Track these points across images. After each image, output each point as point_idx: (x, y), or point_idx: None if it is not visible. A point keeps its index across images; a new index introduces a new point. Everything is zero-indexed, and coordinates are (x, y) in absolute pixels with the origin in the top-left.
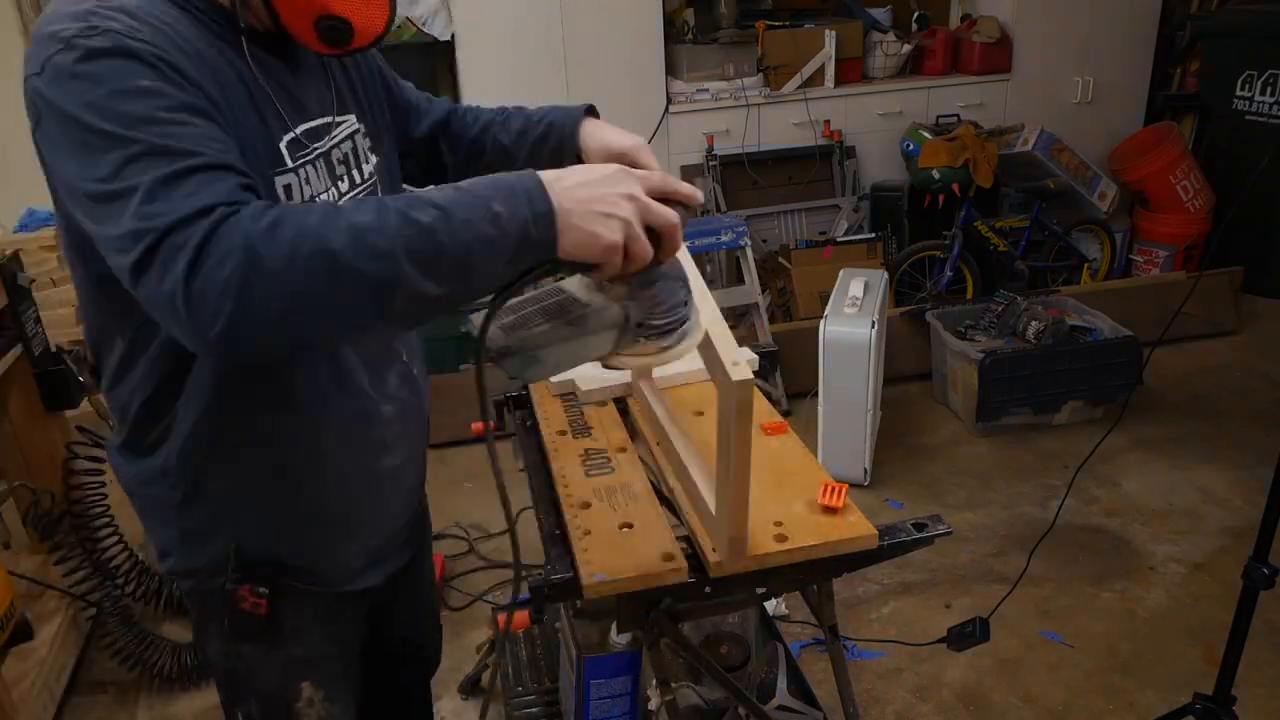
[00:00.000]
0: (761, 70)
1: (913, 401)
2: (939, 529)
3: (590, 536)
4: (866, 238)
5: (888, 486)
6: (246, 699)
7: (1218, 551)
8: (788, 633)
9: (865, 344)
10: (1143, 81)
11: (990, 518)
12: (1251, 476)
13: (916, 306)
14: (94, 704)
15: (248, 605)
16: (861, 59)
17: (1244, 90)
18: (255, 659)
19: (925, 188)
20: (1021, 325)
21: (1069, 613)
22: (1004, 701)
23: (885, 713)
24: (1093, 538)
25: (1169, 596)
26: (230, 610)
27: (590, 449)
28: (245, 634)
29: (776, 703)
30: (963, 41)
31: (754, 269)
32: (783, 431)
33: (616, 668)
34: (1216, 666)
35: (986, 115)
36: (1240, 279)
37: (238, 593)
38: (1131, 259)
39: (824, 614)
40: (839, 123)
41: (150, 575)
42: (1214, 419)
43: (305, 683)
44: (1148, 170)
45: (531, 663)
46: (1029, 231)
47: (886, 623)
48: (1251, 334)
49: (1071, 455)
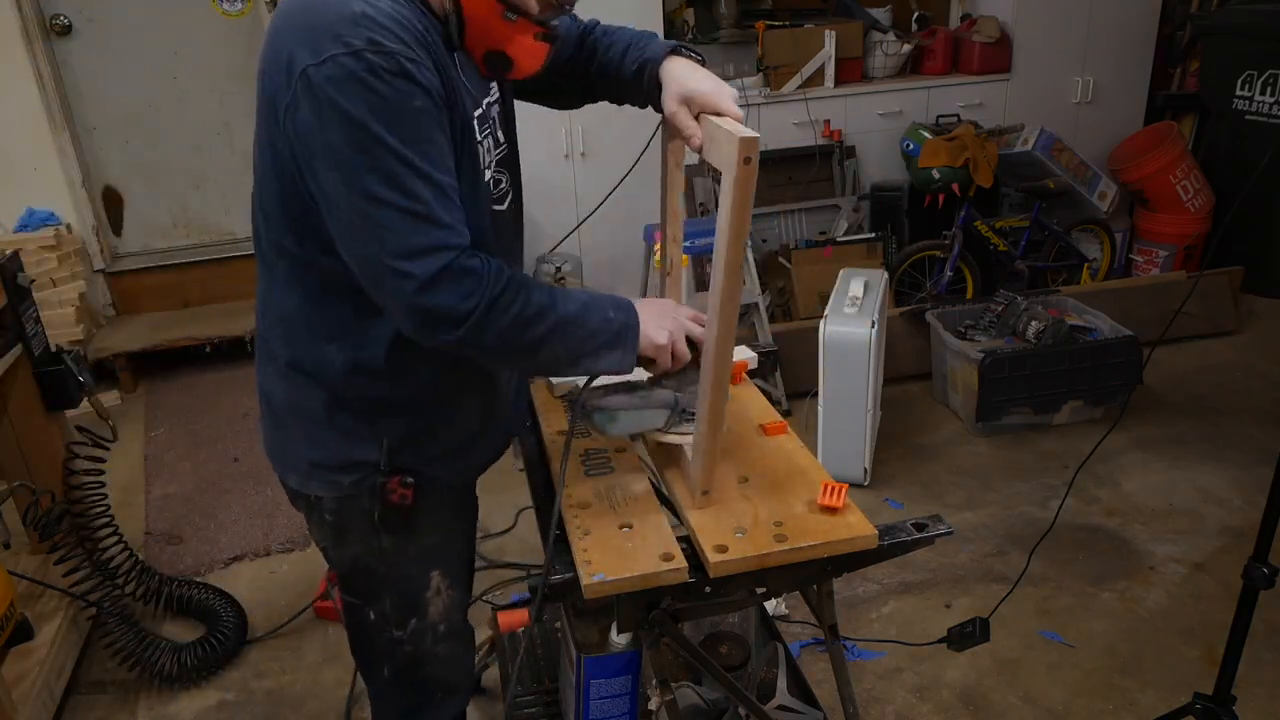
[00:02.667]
0: (761, 70)
1: (913, 401)
2: (939, 529)
3: (590, 536)
4: (866, 238)
5: (888, 486)
6: (381, 595)
7: (1218, 551)
8: (788, 633)
9: (865, 344)
10: (1143, 81)
11: (990, 518)
12: (1251, 476)
13: (916, 306)
14: (94, 704)
15: (395, 497)
16: (861, 59)
17: (1244, 90)
18: (394, 552)
19: (925, 188)
20: (1021, 325)
21: (1069, 612)
22: (1004, 701)
23: (885, 713)
24: (1093, 538)
25: (1169, 596)
26: (380, 502)
27: (590, 449)
28: (391, 526)
29: (776, 703)
30: (963, 41)
31: (754, 269)
32: (783, 431)
33: (616, 668)
34: (1216, 666)
35: (986, 115)
36: (1240, 279)
37: (388, 485)
38: (1131, 259)
39: (824, 614)
40: (839, 123)
41: (151, 575)
42: (1214, 419)
43: (435, 571)
44: (1148, 170)
45: (531, 663)
46: (1029, 231)
47: (886, 623)
48: (1251, 334)
49: (1071, 455)
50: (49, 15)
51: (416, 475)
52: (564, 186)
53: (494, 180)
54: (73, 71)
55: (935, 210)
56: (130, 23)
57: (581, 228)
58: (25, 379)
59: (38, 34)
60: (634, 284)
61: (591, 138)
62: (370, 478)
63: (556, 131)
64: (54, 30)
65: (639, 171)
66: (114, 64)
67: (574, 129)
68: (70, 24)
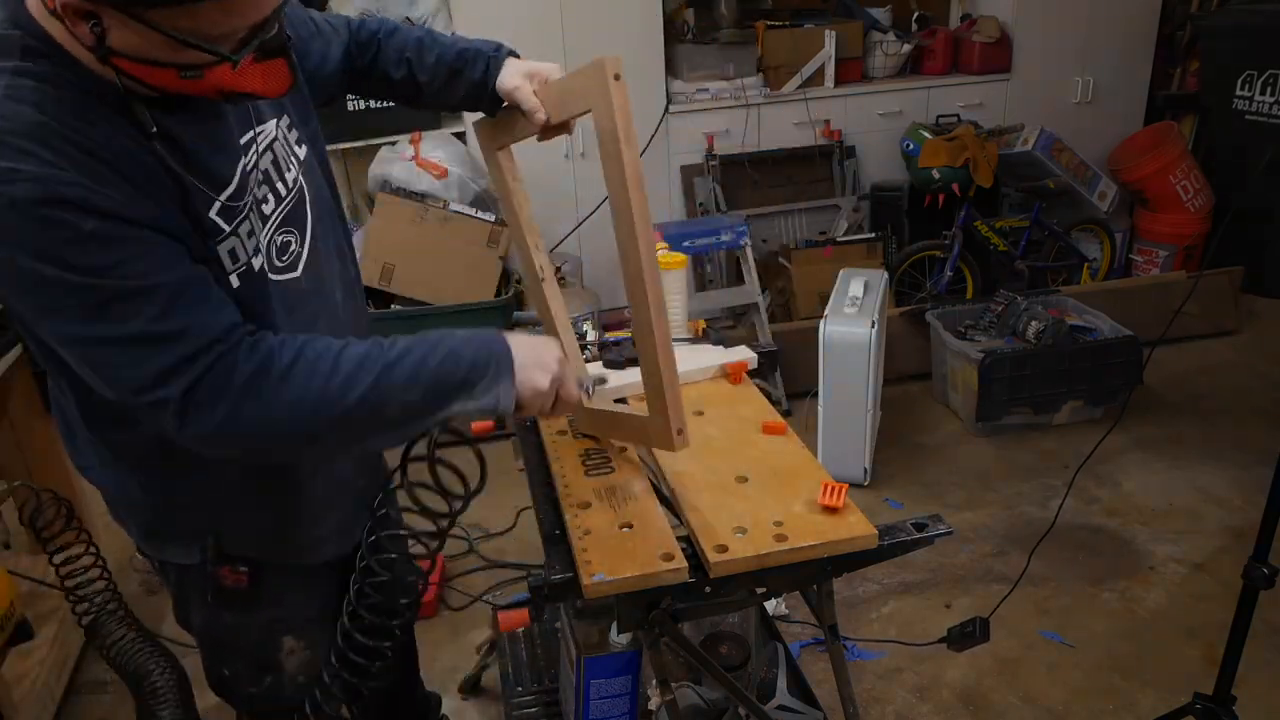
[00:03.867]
0: (761, 70)
1: (913, 401)
2: (939, 529)
3: (590, 536)
4: (866, 238)
5: (888, 486)
6: (231, 659)
7: (1218, 551)
8: (788, 633)
9: (865, 344)
10: (1143, 81)
11: (990, 518)
12: (1251, 476)
13: (916, 306)
14: (94, 704)
15: (229, 582)
16: (861, 59)
17: (1244, 90)
18: (238, 623)
19: (925, 188)
20: (1021, 325)
21: (1069, 613)
22: (1004, 701)
23: (885, 713)
24: (1093, 538)
25: (1169, 596)
26: (213, 587)
27: (590, 449)
28: (228, 605)
29: (776, 703)
30: (963, 41)
31: (754, 269)
32: (783, 431)
33: (616, 668)
34: (1216, 666)
35: (986, 115)
36: (1240, 279)
37: (220, 571)
38: (1131, 259)
39: (824, 614)
40: (839, 123)
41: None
42: (1214, 419)
43: (286, 637)
44: (1148, 170)
45: (531, 663)
46: (1029, 231)
47: (886, 623)
48: (1251, 334)
49: (1071, 455)
50: None
51: (250, 562)
52: (564, 187)
53: (275, 247)
54: None
55: (935, 210)
56: None
57: (581, 228)
58: (25, 379)
59: None
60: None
61: (591, 138)
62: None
63: None
64: None
65: None
66: None
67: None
68: None
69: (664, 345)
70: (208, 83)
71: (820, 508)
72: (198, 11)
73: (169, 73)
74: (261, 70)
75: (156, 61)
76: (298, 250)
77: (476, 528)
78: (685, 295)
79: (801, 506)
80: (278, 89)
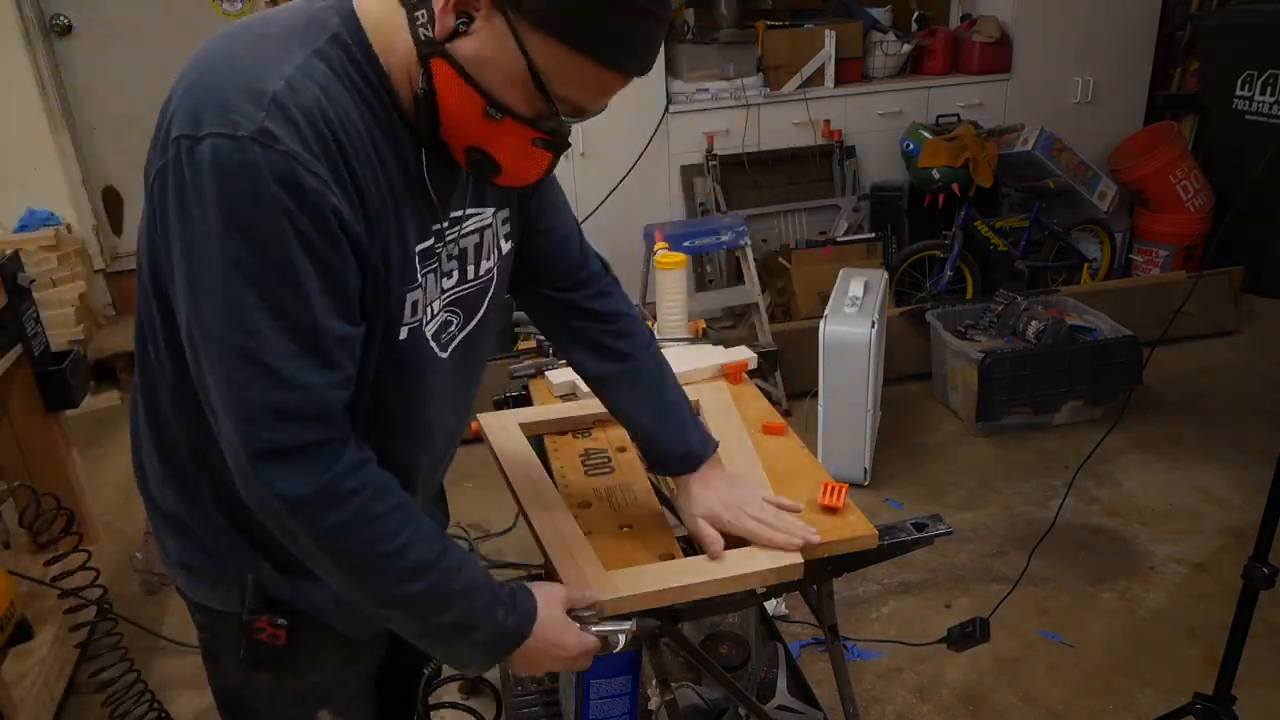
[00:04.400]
0: (761, 70)
1: (913, 401)
2: (939, 529)
3: (590, 536)
4: (866, 238)
5: (888, 486)
6: None
7: (1218, 551)
8: (788, 633)
9: (865, 344)
10: (1143, 81)
11: (990, 518)
12: (1251, 476)
13: (916, 306)
14: (94, 704)
15: (265, 636)
16: (861, 59)
17: (1244, 90)
18: (271, 688)
19: (925, 188)
20: (1021, 325)
21: (1069, 612)
22: (1004, 701)
23: (885, 713)
24: (1093, 538)
25: (1169, 596)
26: (246, 640)
27: (590, 449)
28: (261, 663)
29: (776, 703)
30: (963, 41)
31: (754, 269)
32: (782, 432)
33: (616, 668)
34: (1216, 666)
35: (986, 115)
36: (1240, 279)
37: (255, 623)
38: (1131, 259)
39: (824, 614)
40: (839, 122)
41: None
42: (1214, 419)
43: (323, 711)
44: (1148, 170)
45: None
46: (1029, 231)
47: (886, 623)
48: (1251, 334)
49: (1071, 455)
50: (49, 15)
51: (291, 615)
52: (564, 187)
53: (441, 322)
54: (73, 71)
55: (935, 210)
56: (130, 23)
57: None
58: (25, 379)
59: (38, 34)
60: (634, 284)
61: (591, 138)
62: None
63: None
64: (54, 30)
65: (639, 171)
66: (114, 64)
67: (574, 129)
68: (70, 24)
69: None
70: (492, 132)
71: (820, 508)
72: (590, 69)
73: (475, 101)
74: (525, 152)
75: (480, 85)
76: (455, 333)
77: (476, 528)
78: (685, 295)
79: (801, 506)
80: (525, 175)
